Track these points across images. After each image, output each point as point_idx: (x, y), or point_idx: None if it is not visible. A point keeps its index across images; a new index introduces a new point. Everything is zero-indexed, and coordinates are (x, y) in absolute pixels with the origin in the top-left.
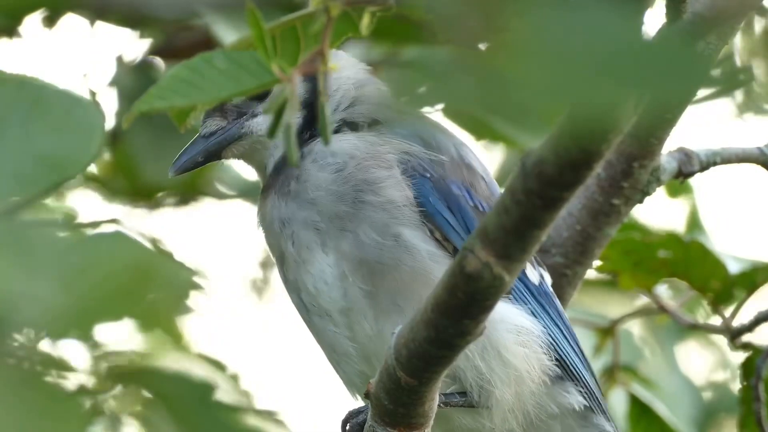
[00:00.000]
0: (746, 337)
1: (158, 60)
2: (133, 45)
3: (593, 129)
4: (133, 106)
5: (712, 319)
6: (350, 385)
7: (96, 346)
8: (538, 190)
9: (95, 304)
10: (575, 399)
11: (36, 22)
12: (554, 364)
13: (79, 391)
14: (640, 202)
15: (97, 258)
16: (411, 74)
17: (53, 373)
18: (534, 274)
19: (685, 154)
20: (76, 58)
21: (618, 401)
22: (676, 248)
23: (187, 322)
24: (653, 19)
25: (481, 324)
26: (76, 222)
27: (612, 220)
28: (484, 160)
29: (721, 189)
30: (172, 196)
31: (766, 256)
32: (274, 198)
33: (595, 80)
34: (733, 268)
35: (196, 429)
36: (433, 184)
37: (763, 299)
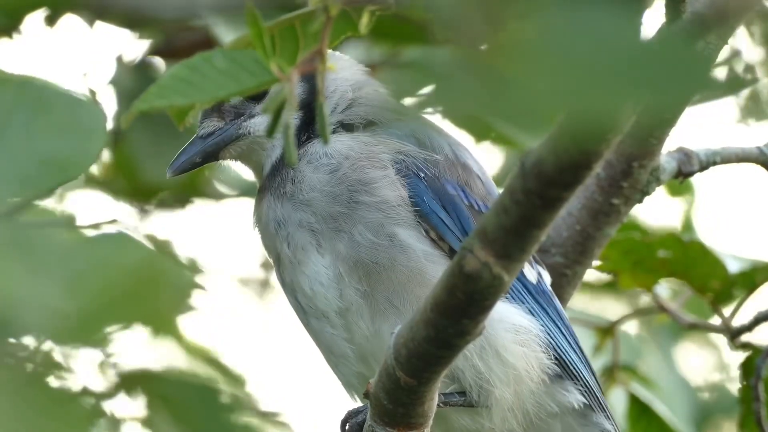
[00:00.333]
0: (746, 337)
1: (158, 60)
2: (133, 45)
3: (592, 129)
4: (133, 105)
5: (712, 319)
6: (348, 387)
7: (101, 349)
8: (538, 190)
9: (101, 308)
10: (575, 398)
11: (36, 22)
12: (553, 362)
13: (84, 393)
14: (640, 202)
15: (102, 260)
16: (412, 75)
17: (57, 376)
18: (532, 273)
19: (684, 154)
20: (76, 58)
21: (617, 401)
22: (676, 248)
23: (190, 323)
24: (653, 19)
25: (481, 324)
26: (79, 223)
27: (612, 219)
28: (480, 160)
29: (720, 189)
30: (172, 196)
31: (766, 256)
32: (270, 199)
33: (596, 80)
34: (733, 268)
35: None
36: (427, 184)
37: (763, 299)
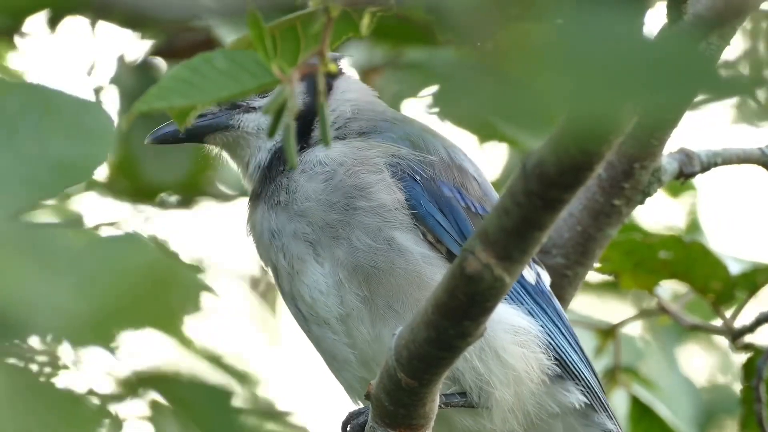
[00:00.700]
0: (747, 338)
1: (159, 60)
2: (135, 45)
3: (594, 130)
4: (133, 106)
5: (713, 320)
6: (351, 391)
7: (112, 350)
8: (539, 192)
9: (112, 309)
10: (576, 398)
11: (38, 23)
12: (553, 363)
13: (90, 394)
14: (641, 203)
15: (112, 261)
16: (415, 76)
17: (64, 377)
18: (530, 273)
19: (686, 155)
20: (78, 59)
21: (619, 402)
22: (677, 249)
23: (198, 325)
24: (654, 21)
25: (482, 325)
26: (87, 225)
27: (613, 220)
28: (477, 162)
29: (722, 190)
30: (174, 197)
31: (767, 257)
32: (264, 208)
33: (599, 81)
34: (734, 269)
35: None
36: (423, 186)
37: (764, 300)
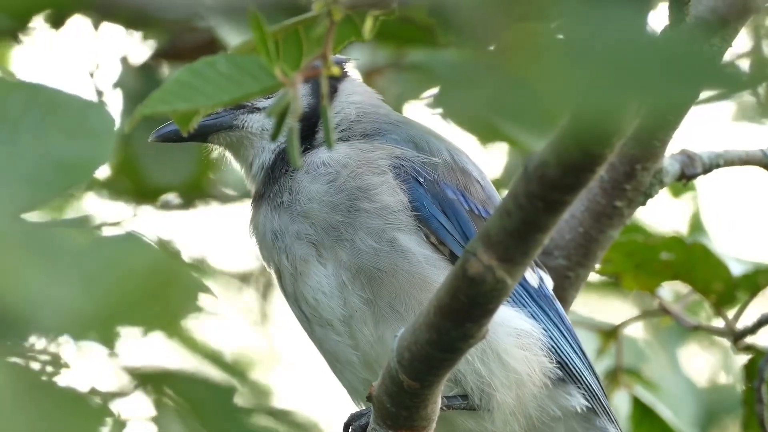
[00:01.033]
0: (749, 339)
1: (163, 61)
2: (138, 46)
3: (596, 132)
4: (136, 110)
5: (715, 321)
6: (353, 393)
7: (114, 349)
8: (541, 194)
9: (114, 308)
10: (577, 401)
11: (42, 24)
12: (555, 366)
13: (92, 393)
14: (643, 204)
15: (114, 261)
16: (417, 77)
17: (67, 376)
18: (533, 276)
19: (687, 157)
20: (82, 60)
21: (621, 403)
22: (679, 250)
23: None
24: (656, 22)
25: (484, 327)
26: (90, 224)
27: (614, 222)
28: (480, 164)
29: (723, 191)
30: (177, 198)
31: None
32: (267, 209)
33: (602, 81)
34: (736, 270)
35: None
36: (427, 188)
37: (766, 301)
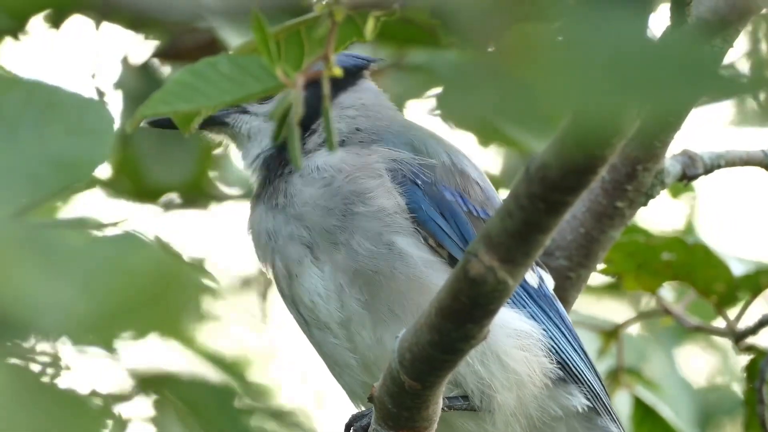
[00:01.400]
0: (750, 340)
1: (163, 62)
2: (139, 46)
3: (598, 133)
4: (137, 111)
5: (716, 322)
6: (353, 396)
7: (115, 351)
8: (542, 195)
9: (115, 310)
10: (579, 401)
11: (42, 23)
12: (556, 366)
13: (93, 395)
14: (644, 205)
15: (115, 261)
16: (420, 78)
17: (68, 378)
18: (533, 277)
19: (689, 157)
20: (82, 60)
21: (622, 404)
22: (680, 251)
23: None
24: (658, 23)
25: (485, 328)
26: (90, 224)
27: (616, 223)
28: (480, 166)
29: (725, 192)
30: (177, 197)
31: None
32: (263, 210)
33: (604, 83)
34: (737, 271)
35: None
36: (424, 191)
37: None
